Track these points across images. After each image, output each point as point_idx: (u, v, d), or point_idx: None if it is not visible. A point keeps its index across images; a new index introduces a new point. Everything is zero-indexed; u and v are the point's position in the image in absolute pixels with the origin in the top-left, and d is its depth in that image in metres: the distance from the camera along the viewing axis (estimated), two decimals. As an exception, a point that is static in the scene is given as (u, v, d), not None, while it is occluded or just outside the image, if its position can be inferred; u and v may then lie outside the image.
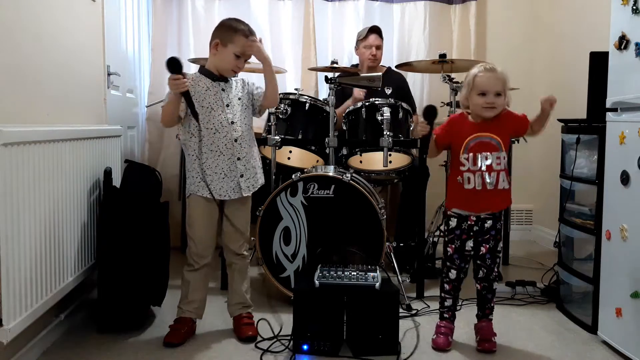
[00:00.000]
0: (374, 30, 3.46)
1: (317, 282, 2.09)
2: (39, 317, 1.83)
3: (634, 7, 1.97)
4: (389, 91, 2.93)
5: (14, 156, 1.63)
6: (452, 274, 2.13)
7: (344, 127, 3.02)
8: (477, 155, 2.05)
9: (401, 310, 2.39)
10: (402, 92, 3.46)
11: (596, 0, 3.28)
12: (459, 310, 2.26)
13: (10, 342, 1.64)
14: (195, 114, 2.07)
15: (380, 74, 3.04)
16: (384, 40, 3.53)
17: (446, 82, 2.93)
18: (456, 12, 3.95)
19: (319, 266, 2.24)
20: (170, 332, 2.17)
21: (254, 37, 2.15)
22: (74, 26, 2.33)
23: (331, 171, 2.61)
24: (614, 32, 2.10)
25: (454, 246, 2.13)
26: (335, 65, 2.82)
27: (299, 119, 2.94)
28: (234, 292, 2.29)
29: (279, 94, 2.86)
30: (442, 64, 2.96)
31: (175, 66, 1.96)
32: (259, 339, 2.17)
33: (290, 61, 3.80)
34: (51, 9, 2.10)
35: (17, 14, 1.83)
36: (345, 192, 2.50)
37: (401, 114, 2.92)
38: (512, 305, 2.65)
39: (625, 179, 2.02)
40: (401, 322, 2.14)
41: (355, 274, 2.16)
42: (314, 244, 2.52)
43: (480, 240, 2.11)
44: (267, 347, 2.10)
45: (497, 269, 2.14)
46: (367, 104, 2.91)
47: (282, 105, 2.89)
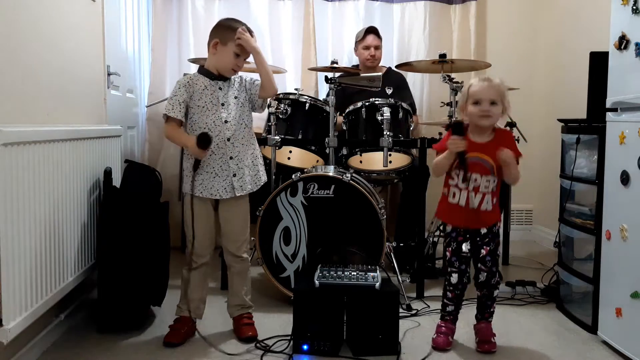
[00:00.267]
0: (371, 30, 3.47)
1: (317, 282, 2.09)
2: (39, 317, 1.83)
3: (634, 7, 1.97)
4: (389, 91, 2.93)
5: (14, 156, 1.63)
6: (454, 278, 2.12)
7: (344, 127, 3.02)
8: (467, 174, 2.05)
9: (401, 310, 2.39)
10: (402, 92, 3.46)
11: (596, 0, 3.29)
12: (461, 311, 2.25)
13: (10, 342, 1.63)
14: (196, 168, 2.13)
15: (380, 74, 3.04)
16: (382, 40, 3.54)
17: (446, 82, 2.93)
18: (456, 12, 3.95)
19: (319, 266, 2.24)
20: (170, 332, 2.17)
21: (243, 28, 2.14)
22: (74, 26, 2.33)
23: (331, 171, 2.61)
24: (614, 32, 2.10)
25: (450, 248, 2.14)
26: (335, 65, 2.82)
27: (299, 119, 2.94)
28: (233, 294, 2.29)
29: (279, 94, 2.87)
30: (442, 64, 2.96)
31: (204, 143, 2.06)
32: (259, 339, 2.17)
33: (290, 61, 3.80)
34: (51, 9, 2.10)
35: (17, 14, 1.83)
36: (345, 192, 2.50)
37: (401, 114, 2.92)
38: (512, 305, 2.65)
39: (625, 179, 2.02)
40: (401, 322, 2.14)
41: (355, 274, 2.16)
42: (314, 244, 2.52)
43: (479, 243, 2.11)
44: (267, 347, 2.10)
45: (497, 274, 2.13)
46: (367, 104, 2.91)
47: (282, 105, 2.89)
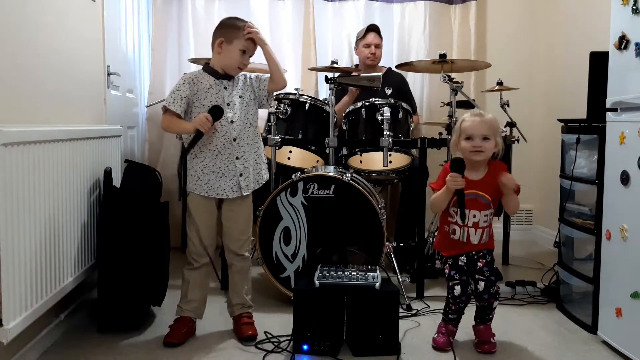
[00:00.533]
0: (372, 28, 3.47)
1: (317, 282, 2.09)
2: (39, 317, 1.83)
3: (634, 7, 1.97)
4: (389, 91, 2.93)
5: (14, 156, 1.63)
6: (457, 290, 2.11)
7: (344, 127, 3.02)
8: (465, 211, 2.06)
9: (401, 310, 2.39)
10: (402, 92, 3.46)
11: (596, 0, 3.29)
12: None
13: (10, 342, 1.63)
14: (190, 148, 2.12)
15: (380, 74, 3.05)
16: (383, 39, 3.54)
17: (446, 82, 2.92)
18: (456, 12, 3.95)
19: (319, 266, 2.24)
20: (170, 332, 2.17)
21: (249, 24, 2.15)
22: (74, 26, 2.33)
23: (331, 171, 2.61)
24: (614, 32, 2.10)
25: (448, 265, 2.15)
26: (335, 65, 2.82)
27: (299, 119, 2.94)
28: (234, 293, 2.29)
29: (279, 94, 2.87)
30: (442, 64, 2.95)
31: (216, 113, 2.06)
32: (259, 339, 2.17)
33: (290, 61, 3.80)
34: (51, 9, 2.10)
35: (17, 14, 1.83)
36: (345, 192, 2.50)
37: (401, 114, 2.92)
38: (512, 305, 2.65)
39: (625, 179, 2.02)
40: (401, 322, 2.14)
41: (355, 274, 2.16)
42: (314, 244, 2.52)
43: (475, 257, 2.12)
44: (267, 347, 2.10)
45: (496, 285, 2.12)
46: (367, 104, 2.91)
47: (282, 105, 2.89)
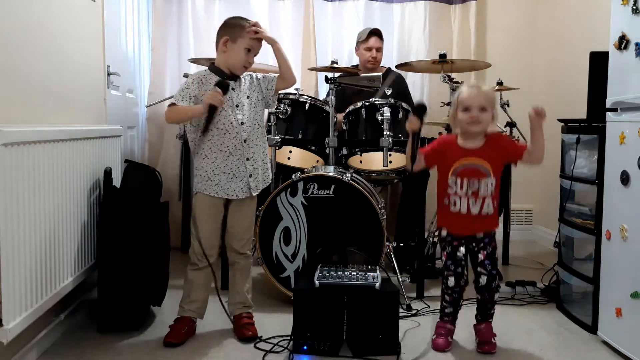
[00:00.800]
0: (374, 32, 3.46)
1: (317, 282, 2.09)
2: (39, 317, 1.83)
3: (634, 7, 1.97)
4: (389, 91, 2.93)
5: (14, 156, 1.63)
6: (450, 281, 2.12)
7: (344, 127, 3.02)
8: (464, 180, 2.06)
9: (401, 310, 2.38)
10: (401, 92, 3.46)
11: (596, 0, 3.29)
12: (460, 309, 2.25)
13: (10, 342, 1.63)
14: (206, 129, 2.09)
15: (380, 74, 3.04)
16: (384, 41, 3.53)
17: (446, 82, 2.93)
18: (456, 12, 3.95)
19: (319, 266, 2.24)
20: (170, 332, 2.17)
21: (253, 23, 2.15)
22: (74, 26, 2.33)
23: (331, 171, 2.61)
24: (614, 32, 2.10)
25: (446, 252, 2.15)
26: (335, 65, 2.82)
27: (299, 119, 2.94)
28: (235, 291, 2.29)
29: (280, 94, 2.87)
30: (442, 64, 2.95)
31: (224, 86, 2.05)
32: (259, 339, 2.17)
33: (290, 61, 3.77)
34: (51, 9, 2.10)
35: (17, 14, 1.83)
36: (345, 192, 2.50)
37: (401, 114, 2.92)
38: (512, 305, 2.65)
39: (625, 179, 2.02)
40: (401, 322, 2.14)
41: (355, 274, 2.16)
42: (314, 244, 2.52)
43: (476, 249, 2.11)
44: (267, 347, 2.10)
45: (497, 277, 2.12)
46: (367, 104, 2.91)
47: (282, 105, 2.89)
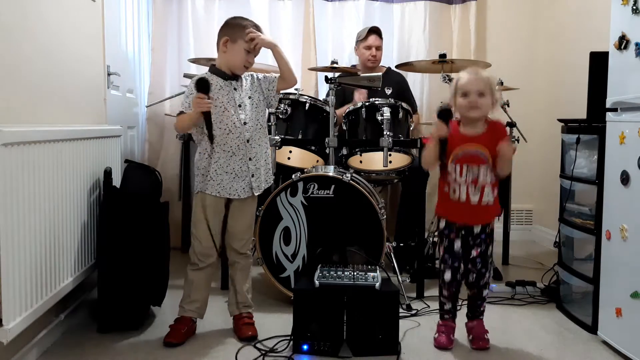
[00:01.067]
0: (373, 30, 3.46)
1: (317, 282, 2.09)
2: (39, 317, 1.83)
3: (634, 7, 1.97)
4: (389, 91, 2.93)
5: (14, 156, 1.63)
6: (447, 275, 2.12)
7: (344, 127, 3.02)
8: (464, 166, 2.06)
9: (401, 310, 2.39)
10: (402, 92, 3.46)
11: (596, 0, 3.29)
12: (459, 309, 2.26)
13: (10, 342, 1.63)
14: (211, 136, 2.09)
15: (380, 74, 3.04)
16: (383, 40, 3.53)
17: (446, 82, 2.92)
18: (456, 12, 3.95)
19: (319, 266, 2.24)
20: (170, 332, 2.17)
21: (252, 29, 2.14)
22: (74, 26, 2.33)
23: (331, 171, 2.61)
24: (614, 32, 2.10)
25: (443, 246, 2.14)
26: (335, 65, 2.82)
27: (299, 119, 2.94)
28: (235, 291, 2.29)
29: (279, 94, 2.87)
30: (442, 64, 2.95)
31: (202, 86, 2.01)
32: (259, 339, 2.17)
33: (290, 61, 3.78)
34: (51, 9, 2.10)
35: (17, 14, 1.83)
36: (345, 192, 2.50)
37: (401, 114, 2.92)
38: (512, 305, 2.65)
39: (625, 179, 2.02)
40: (401, 322, 2.14)
41: (355, 274, 2.16)
42: (314, 244, 2.52)
43: (471, 243, 2.11)
44: (267, 347, 2.10)
45: (488, 275, 2.13)
46: (367, 104, 2.91)
47: (282, 105, 2.89)
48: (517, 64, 3.98)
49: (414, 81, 3.84)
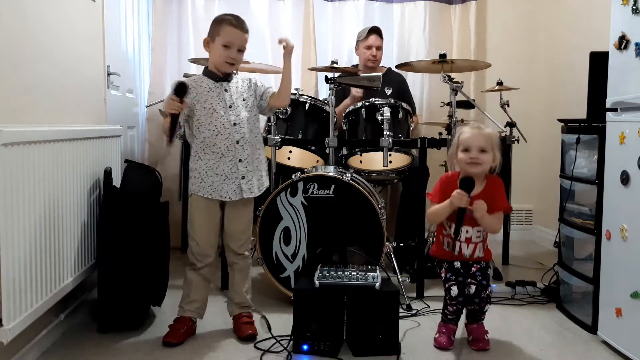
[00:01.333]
0: (374, 30, 3.46)
1: (317, 282, 2.09)
2: (39, 317, 1.83)
3: (634, 7, 1.97)
4: (389, 91, 2.93)
5: (14, 156, 1.63)
6: (454, 290, 2.11)
7: (344, 127, 3.02)
8: (460, 229, 2.07)
9: (401, 310, 2.39)
10: (402, 92, 3.46)
11: (596, 0, 3.29)
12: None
13: (10, 342, 1.63)
14: (170, 138, 2.08)
15: (380, 74, 3.04)
16: (384, 40, 3.54)
17: (446, 82, 2.92)
18: (456, 12, 3.95)
19: (319, 266, 2.24)
20: (169, 332, 2.17)
21: (233, 20, 2.14)
22: (73, 26, 2.33)
23: (331, 171, 2.61)
24: (614, 32, 2.10)
25: (444, 268, 2.16)
26: (335, 65, 2.82)
27: (299, 119, 2.94)
28: (234, 292, 2.29)
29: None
30: (442, 64, 2.95)
31: (179, 90, 1.99)
32: (259, 339, 2.17)
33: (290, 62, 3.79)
34: (51, 9, 2.10)
35: (16, 14, 1.83)
36: (345, 192, 2.50)
37: (401, 114, 2.92)
38: (512, 305, 2.65)
39: (625, 179, 2.02)
40: (401, 322, 2.14)
41: (355, 274, 2.16)
42: (314, 244, 2.52)
43: (470, 262, 2.14)
44: (267, 346, 2.10)
45: (488, 289, 2.12)
46: (367, 104, 2.91)
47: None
48: (517, 64, 3.98)
49: (413, 81, 3.85)
